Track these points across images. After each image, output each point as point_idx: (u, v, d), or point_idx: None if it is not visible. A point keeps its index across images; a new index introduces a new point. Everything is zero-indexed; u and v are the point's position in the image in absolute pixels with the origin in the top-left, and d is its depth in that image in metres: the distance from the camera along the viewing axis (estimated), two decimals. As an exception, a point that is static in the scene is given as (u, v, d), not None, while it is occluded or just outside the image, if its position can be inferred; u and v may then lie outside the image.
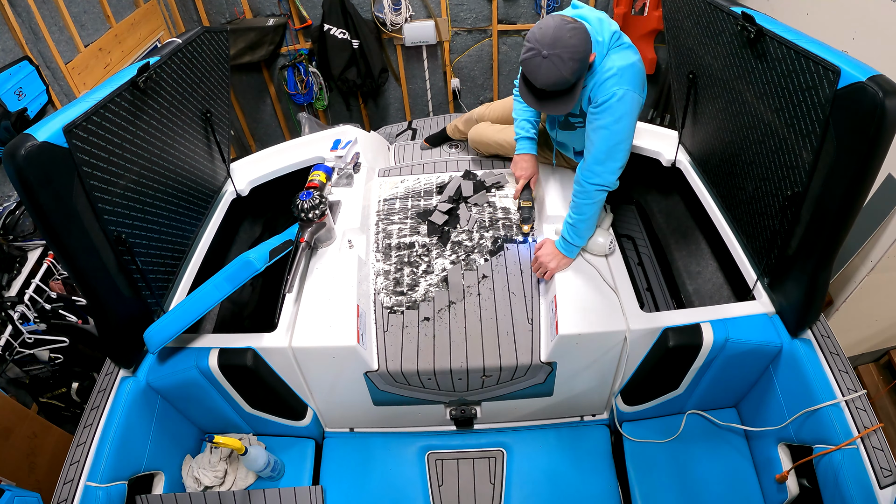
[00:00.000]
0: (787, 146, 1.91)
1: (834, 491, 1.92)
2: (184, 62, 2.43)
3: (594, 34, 2.09)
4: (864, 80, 1.51)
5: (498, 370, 2.29)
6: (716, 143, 2.52)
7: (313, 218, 2.41)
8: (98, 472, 2.00)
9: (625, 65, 2.10)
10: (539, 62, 1.98)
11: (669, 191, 3.47)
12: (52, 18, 3.53)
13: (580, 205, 2.30)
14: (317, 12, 4.96)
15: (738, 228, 2.44)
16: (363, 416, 2.60)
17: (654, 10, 4.72)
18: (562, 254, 2.38)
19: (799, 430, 2.12)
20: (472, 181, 2.92)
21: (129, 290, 2.12)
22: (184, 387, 2.29)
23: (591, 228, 2.39)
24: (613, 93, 2.09)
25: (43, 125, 1.67)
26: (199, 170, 2.69)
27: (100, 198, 1.89)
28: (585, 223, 2.33)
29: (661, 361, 2.24)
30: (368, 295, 2.50)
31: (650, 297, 3.12)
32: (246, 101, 5.73)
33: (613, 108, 2.12)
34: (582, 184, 2.28)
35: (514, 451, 2.58)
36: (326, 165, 3.01)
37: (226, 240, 3.35)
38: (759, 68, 1.98)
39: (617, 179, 2.26)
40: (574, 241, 2.36)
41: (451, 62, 5.39)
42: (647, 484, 2.41)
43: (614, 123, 2.14)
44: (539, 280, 2.47)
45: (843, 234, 1.77)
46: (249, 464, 2.37)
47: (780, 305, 2.23)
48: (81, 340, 3.00)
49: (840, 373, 2.05)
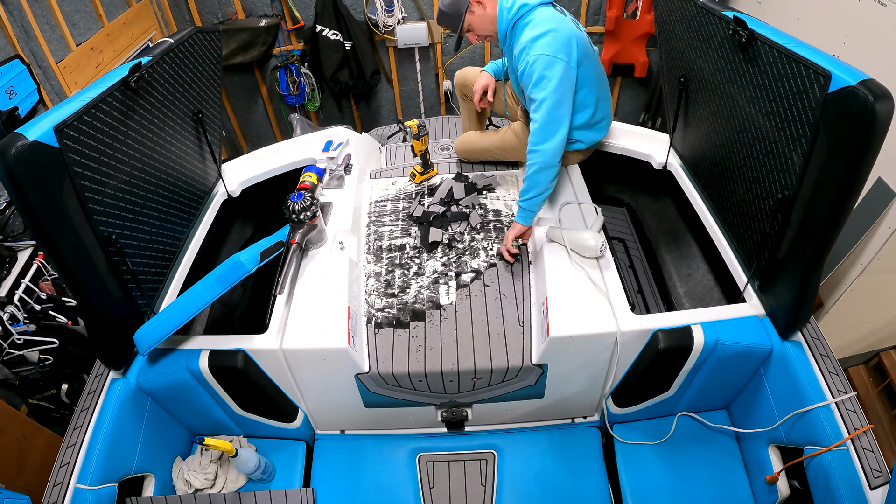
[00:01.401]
0: (778, 149, 1.92)
1: (824, 492, 1.93)
2: (176, 62, 2.42)
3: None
4: (854, 84, 1.52)
5: (489, 372, 2.29)
6: (707, 146, 2.53)
7: (304, 219, 2.41)
8: (88, 474, 1.99)
9: (534, 36, 2.40)
10: None
11: (660, 194, 3.48)
12: (44, 17, 3.51)
13: (530, 163, 2.48)
14: (309, 13, 4.96)
15: (729, 231, 2.45)
16: (354, 418, 2.59)
17: (647, 13, 4.73)
18: (516, 222, 2.53)
19: (789, 431, 2.13)
20: (463, 183, 2.92)
21: (119, 291, 2.10)
22: (174, 388, 2.28)
23: (539, 191, 2.50)
24: (527, 63, 2.41)
25: (34, 124, 1.66)
26: (191, 170, 2.68)
27: (90, 198, 1.88)
28: (534, 180, 2.48)
29: (651, 363, 2.24)
30: (359, 297, 2.49)
31: (641, 299, 3.13)
32: (238, 102, 5.72)
33: (536, 83, 2.40)
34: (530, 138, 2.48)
35: (505, 452, 2.58)
36: (318, 167, 3.01)
37: (217, 241, 3.34)
38: (751, 72, 1.99)
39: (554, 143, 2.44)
40: (526, 207, 2.52)
41: (443, 64, 5.40)
42: (638, 486, 2.41)
43: (541, 92, 2.40)
44: (530, 282, 2.48)
45: (833, 236, 1.78)
46: (240, 466, 2.36)
47: (770, 308, 2.24)
48: (71, 342, 2.98)
49: (830, 374, 2.07)
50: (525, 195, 2.50)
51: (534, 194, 2.48)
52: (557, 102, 2.40)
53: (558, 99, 2.40)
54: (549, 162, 2.43)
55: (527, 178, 2.48)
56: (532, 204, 2.50)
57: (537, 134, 2.43)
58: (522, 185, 2.50)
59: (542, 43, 2.38)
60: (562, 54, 2.38)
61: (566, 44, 2.41)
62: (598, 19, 5.06)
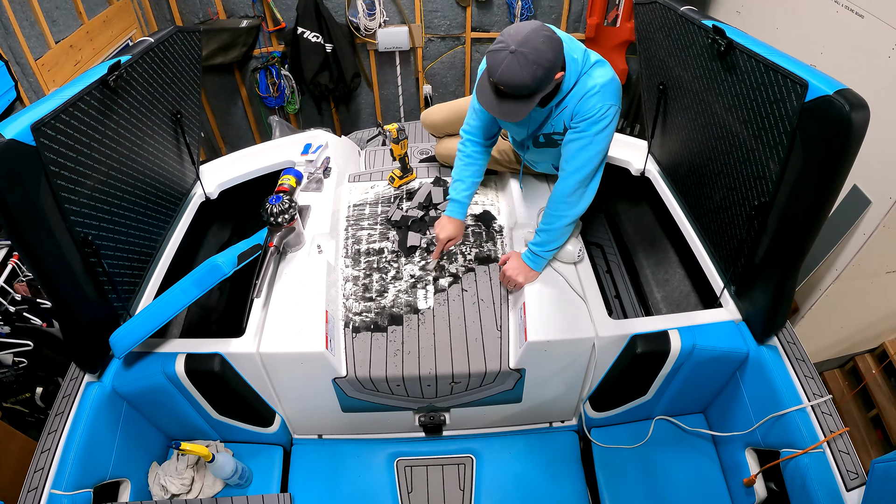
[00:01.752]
0: (755, 157, 1.95)
1: (801, 494, 1.95)
2: (155, 62, 2.40)
3: (569, 51, 2.08)
4: (831, 94, 1.54)
5: (467, 377, 2.29)
6: (685, 153, 2.55)
7: (283, 222, 2.39)
8: (63, 479, 1.96)
9: (607, 80, 2.10)
10: (504, 56, 1.89)
11: (638, 200, 3.51)
12: (24, 13, 3.46)
13: (553, 215, 2.30)
14: (291, 15, 4.93)
15: (706, 237, 2.47)
16: (332, 423, 2.58)
17: (627, 21, 4.76)
18: (529, 267, 2.39)
19: (766, 434, 2.15)
20: (442, 188, 2.92)
21: (95, 293, 2.08)
22: (150, 392, 2.25)
23: (560, 241, 2.38)
24: (599, 107, 2.09)
25: (10, 122, 1.63)
26: (168, 171, 2.65)
27: (67, 198, 1.85)
28: (556, 233, 2.33)
29: (629, 368, 2.26)
30: (337, 300, 2.48)
31: (618, 304, 3.15)
32: (217, 103, 5.67)
33: (600, 122, 2.11)
34: (558, 194, 2.28)
35: (483, 457, 2.58)
36: (296, 170, 2.99)
37: (194, 243, 3.31)
38: (729, 80, 2.01)
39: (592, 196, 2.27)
40: (543, 255, 2.36)
41: (423, 68, 5.39)
42: (616, 489, 2.42)
43: (598, 133, 2.13)
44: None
45: (808, 243, 1.81)
46: (217, 471, 2.34)
47: (746, 313, 2.27)
48: (46, 344, 2.94)
49: (806, 378, 2.10)
50: (547, 245, 2.35)
51: (558, 245, 2.38)
52: (605, 158, 2.26)
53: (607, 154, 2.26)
54: (581, 215, 2.33)
55: (554, 228, 2.32)
56: (552, 254, 2.41)
57: (582, 190, 2.25)
58: (543, 234, 2.34)
59: (613, 90, 2.14)
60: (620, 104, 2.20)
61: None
62: (578, 26, 5.09)
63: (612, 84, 2.12)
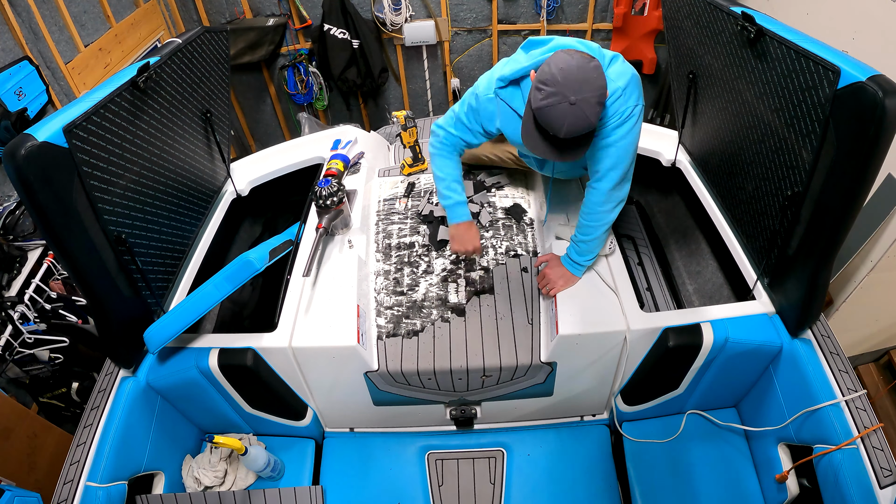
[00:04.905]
0: (787, 146, 1.91)
1: (834, 491, 1.92)
2: (184, 62, 2.43)
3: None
4: (864, 80, 1.51)
5: (498, 370, 2.29)
6: (716, 143, 2.52)
7: (331, 205, 2.44)
8: (98, 472, 2.00)
9: (627, 79, 2.02)
10: (565, 110, 1.71)
11: (669, 191, 3.47)
12: (52, 18, 3.53)
13: (590, 225, 2.25)
14: (317, 12, 4.97)
15: (738, 228, 2.44)
16: (363, 416, 2.60)
17: (654, 9, 4.72)
18: (570, 273, 2.34)
19: (799, 429, 2.12)
20: (472, 181, 2.91)
21: (129, 290, 2.12)
22: (184, 387, 2.29)
23: (600, 248, 2.34)
24: (624, 110, 1.99)
25: (43, 125, 1.67)
26: (199, 170, 2.69)
27: (100, 198, 1.89)
28: (595, 242, 2.29)
29: (661, 361, 2.24)
30: (368, 295, 2.49)
31: (650, 297, 3.12)
32: (246, 101, 5.73)
33: (626, 123, 2.01)
34: (591, 204, 2.21)
35: (514, 450, 2.58)
36: (344, 154, 3.01)
37: (226, 240, 3.35)
38: (759, 68, 1.98)
39: (625, 199, 2.21)
40: (582, 262, 2.32)
41: (451, 62, 5.40)
42: (646, 484, 2.41)
43: (626, 136, 2.03)
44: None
45: (843, 233, 1.77)
46: (249, 464, 2.37)
47: (780, 305, 2.23)
48: (81, 340, 3.00)
49: (840, 373, 2.05)
50: (588, 255, 2.30)
51: (597, 253, 2.34)
52: (634, 159, 2.16)
53: (636, 154, 2.15)
54: (614, 220, 2.26)
55: (592, 239, 2.26)
56: (593, 261, 2.36)
57: (616, 195, 2.17)
58: (583, 245, 2.28)
59: (634, 87, 2.04)
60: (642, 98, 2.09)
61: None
62: (605, 16, 5.05)
63: (632, 82, 2.03)
